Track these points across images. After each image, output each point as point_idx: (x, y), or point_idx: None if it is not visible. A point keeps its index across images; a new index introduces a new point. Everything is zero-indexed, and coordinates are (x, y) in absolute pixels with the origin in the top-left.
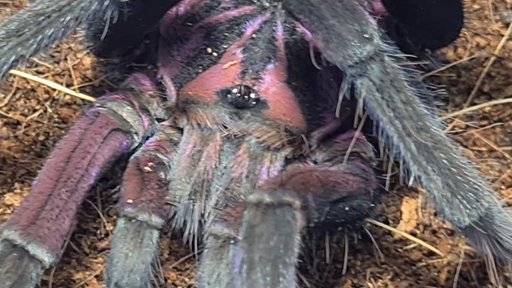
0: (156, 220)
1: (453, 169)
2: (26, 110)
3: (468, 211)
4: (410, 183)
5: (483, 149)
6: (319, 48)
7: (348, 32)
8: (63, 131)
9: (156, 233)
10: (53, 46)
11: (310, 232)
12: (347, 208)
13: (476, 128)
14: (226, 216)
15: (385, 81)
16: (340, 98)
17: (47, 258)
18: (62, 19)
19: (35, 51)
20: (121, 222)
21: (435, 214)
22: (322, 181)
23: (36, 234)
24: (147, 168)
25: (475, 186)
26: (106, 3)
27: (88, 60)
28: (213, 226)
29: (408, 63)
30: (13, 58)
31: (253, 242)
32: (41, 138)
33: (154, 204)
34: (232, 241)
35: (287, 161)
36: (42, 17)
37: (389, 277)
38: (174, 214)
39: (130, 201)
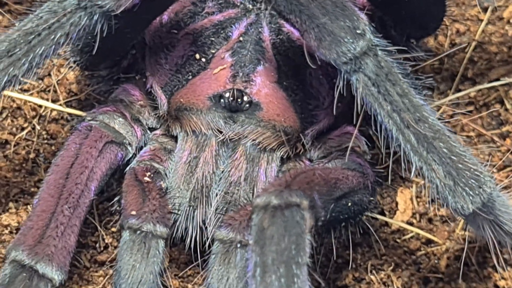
0: (161, 229)
1: (453, 157)
2: (14, 129)
3: (471, 198)
4: (412, 175)
5: (472, 134)
6: (312, 47)
7: (340, 29)
8: (53, 147)
9: (161, 243)
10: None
11: (316, 231)
12: (349, 204)
13: (463, 114)
14: (231, 220)
15: (380, 75)
16: (336, 95)
17: (56, 276)
18: (52, 36)
19: (27, 70)
20: (126, 234)
21: (430, 202)
22: (325, 179)
23: (43, 253)
24: (146, 179)
25: (476, 172)
26: (95, 17)
27: (72, 75)
28: (218, 231)
29: (399, 55)
30: (5, 79)
31: (265, 245)
32: (32, 155)
33: (157, 213)
34: (238, 245)
35: (283, 161)
36: (32, 36)
37: (390, 268)
38: (174, 221)
39: (133, 212)
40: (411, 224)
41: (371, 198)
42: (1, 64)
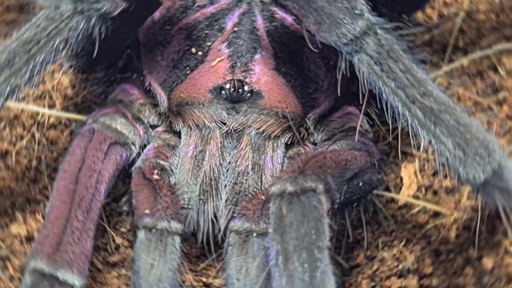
0: (176, 226)
1: (461, 128)
2: (13, 139)
3: (482, 167)
4: (421, 149)
5: (469, 103)
6: (312, 31)
7: (338, 11)
8: (54, 153)
9: (178, 239)
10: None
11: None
12: (360, 184)
13: (458, 84)
14: (244, 210)
15: (381, 53)
16: (339, 77)
17: (77, 281)
18: (51, 43)
19: (29, 79)
20: (141, 234)
21: (434, 175)
22: (336, 161)
23: (63, 260)
24: (155, 176)
25: (485, 141)
26: (93, 20)
27: (66, 79)
28: (233, 222)
29: (399, 32)
30: (8, 89)
31: (285, 232)
32: (34, 163)
33: (171, 210)
34: (254, 234)
35: (287, 147)
36: (31, 44)
37: (402, 244)
38: (185, 216)
39: (147, 211)
40: (417, 198)
41: (379, 176)
42: (3, 75)
